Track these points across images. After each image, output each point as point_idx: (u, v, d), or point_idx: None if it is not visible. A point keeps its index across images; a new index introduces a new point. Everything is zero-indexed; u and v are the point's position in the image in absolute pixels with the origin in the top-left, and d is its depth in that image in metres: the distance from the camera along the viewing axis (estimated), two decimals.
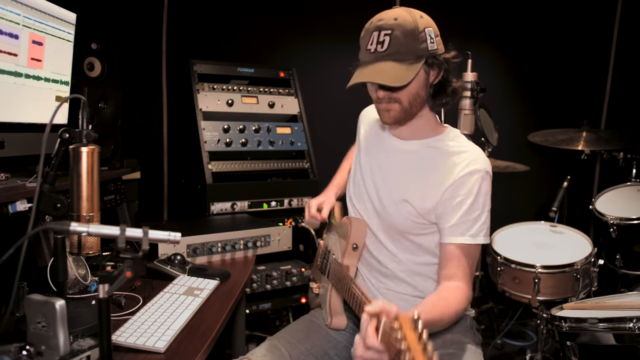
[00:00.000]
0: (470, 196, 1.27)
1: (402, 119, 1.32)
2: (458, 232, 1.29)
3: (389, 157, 1.41)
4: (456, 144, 1.34)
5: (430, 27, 1.25)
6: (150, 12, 2.87)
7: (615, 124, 3.23)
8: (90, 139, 1.19)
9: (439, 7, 3.14)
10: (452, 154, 1.32)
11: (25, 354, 0.89)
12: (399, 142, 1.40)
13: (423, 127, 1.37)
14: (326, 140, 3.00)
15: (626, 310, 1.65)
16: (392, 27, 1.22)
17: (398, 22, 1.22)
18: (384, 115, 1.33)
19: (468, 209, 1.28)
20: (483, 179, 1.29)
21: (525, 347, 2.73)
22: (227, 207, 2.37)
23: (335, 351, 1.45)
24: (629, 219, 2.34)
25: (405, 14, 1.24)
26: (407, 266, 1.40)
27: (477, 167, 1.28)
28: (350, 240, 1.43)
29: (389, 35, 1.22)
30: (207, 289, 1.48)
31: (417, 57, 1.23)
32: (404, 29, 1.22)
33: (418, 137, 1.38)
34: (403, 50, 1.22)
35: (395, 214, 1.36)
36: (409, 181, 1.35)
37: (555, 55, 3.28)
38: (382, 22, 1.24)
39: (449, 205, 1.29)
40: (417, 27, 1.22)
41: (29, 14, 1.54)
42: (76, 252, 1.18)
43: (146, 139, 2.95)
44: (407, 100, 1.28)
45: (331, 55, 3.10)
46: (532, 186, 3.32)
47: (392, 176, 1.39)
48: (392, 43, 1.22)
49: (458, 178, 1.28)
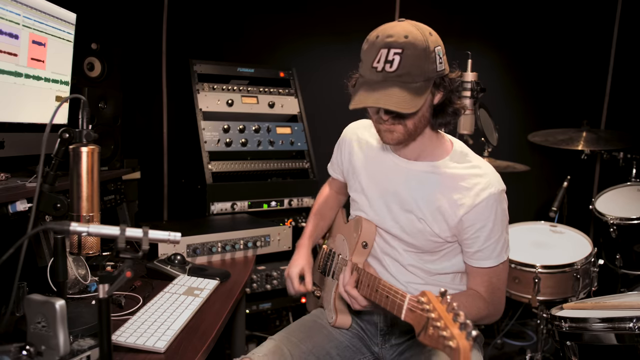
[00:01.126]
0: (489, 222, 1.27)
1: (404, 140, 1.26)
2: (483, 257, 1.31)
3: (397, 179, 1.36)
4: (465, 165, 1.30)
5: (439, 45, 1.18)
6: (150, 12, 2.87)
7: (615, 124, 3.23)
8: (90, 139, 1.19)
9: (439, 7, 3.16)
10: (462, 178, 1.28)
11: (25, 354, 0.89)
12: (405, 162, 1.35)
13: (427, 146, 1.32)
14: (326, 140, 3.00)
15: (626, 310, 1.65)
16: (403, 47, 1.13)
17: (409, 41, 1.13)
18: (385, 136, 1.26)
19: (489, 234, 1.27)
20: (500, 202, 1.27)
21: (525, 347, 2.73)
22: (227, 207, 2.37)
23: (337, 351, 1.44)
24: (629, 219, 2.34)
25: (416, 31, 1.15)
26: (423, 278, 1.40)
27: (491, 190, 1.25)
28: (361, 238, 1.43)
29: (400, 55, 1.13)
30: (207, 289, 1.48)
31: (426, 79, 1.16)
32: (416, 48, 1.13)
33: (423, 157, 1.33)
34: (414, 72, 1.14)
35: (414, 235, 1.35)
36: (422, 203, 1.32)
37: (555, 55, 3.28)
38: (391, 40, 1.14)
39: (470, 232, 1.28)
40: (428, 47, 1.15)
41: (29, 14, 1.54)
42: (76, 252, 1.18)
43: (146, 139, 2.95)
44: (413, 123, 1.22)
45: (331, 55, 3.10)
46: (532, 186, 3.32)
47: (403, 198, 1.35)
48: (403, 64, 1.13)
49: (475, 205, 1.25)
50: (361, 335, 1.50)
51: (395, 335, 1.46)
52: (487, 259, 1.31)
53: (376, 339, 1.48)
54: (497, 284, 1.34)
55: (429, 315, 0.94)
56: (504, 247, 1.32)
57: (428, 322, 0.94)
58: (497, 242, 1.29)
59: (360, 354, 1.48)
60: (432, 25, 1.26)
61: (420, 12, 3.19)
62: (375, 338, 1.48)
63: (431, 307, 0.94)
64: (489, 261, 1.31)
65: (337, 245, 1.55)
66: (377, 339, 1.48)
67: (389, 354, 1.46)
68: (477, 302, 1.31)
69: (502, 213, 1.29)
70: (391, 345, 1.46)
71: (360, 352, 1.48)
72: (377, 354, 1.48)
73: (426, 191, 1.31)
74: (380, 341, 1.47)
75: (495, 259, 1.31)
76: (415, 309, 1.00)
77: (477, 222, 1.27)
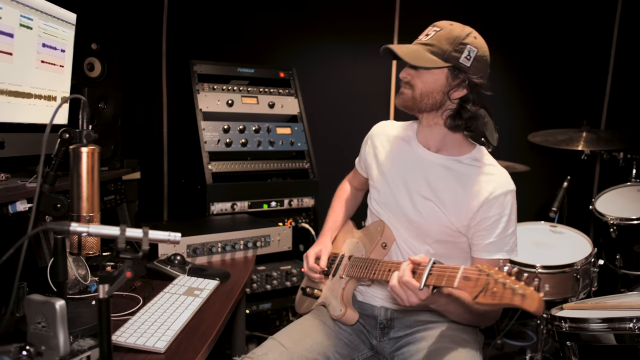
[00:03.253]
0: (504, 215, 1.34)
1: (409, 106, 1.38)
2: (495, 249, 1.35)
3: (419, 168, 1.43)
4: (484, 163, 1.39)
5: (475, 48, 1.31)
6: (150, 12, 2.87)
7: (615, 124, 3.23)
8: (90, 139, 1.19)
9: (439, 7, 3.17)
10: (482, 174, 1.37)
11: (25, 354, 0.89)
12: (427, 152, 1.43)
13: (449, 141, 1.41)
14: (326, 140, 3.00)
15: (626, 310, 1.65)
16: (442, 27, 1.32)
17: (450, 27, 1.32)
18: (398, 97, 1.40)
19: (505, 227, 1.34)
20: (513, 199, 1.36)
21: (525, 347, 2.73)
22: (227, 208, 2.37)
23: (336, 349, 1.45)
24: (629, 219, 2.34)
25: (461, 27, 1.33)
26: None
27: (508, 187, 1.35)
28: (382, 239, 1.47)
29: (436, 32, 1.32)
30: (207, 289, 1.48)
31: (444, 59, 1.29)
32: (450, 32, 1.30)
33: (445, 151, 1.42)
34: (437, 46, 1.30)
35: (431, 221, 1.40)
36: (442, 192, 1.38)
37: (555, 55, 3.28)
38: (439, 23, 1.35)
39: (485, 224, 1.34)
40: (461, 37, 1.30)
41: (29, 14, 1.54)
42: (76, 252, 1.18)
43: (146, 139, 2.95)
44: (419, 91, 1.34)
45: (331, 55, 3.10)
46: (532, 186, 3.31)
47: (425, 186, 1.41)
48: (433, 37, 1.31)
49: (492, 198, 1.33)
50: (360, 329, 1.52)
51: (394, 329, 1.48)
52: (499, 251, 1.35)
53: (375, 332, 1.50)
54: None
55: (491, 277, 0.99)
56: (515, 244, 1.38)
57: (490, 283, 0.99)
58: (511, 235, 1.36)
59: (358, 351, 1.49)
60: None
61: (420, 13, 3.20)
62: (374, 331, 1.50)
63: (493, 272, 1.00)
64: (501, 253, 1.35)
65: (346, 248, 1.59)
66: (375, 332, 1.50)
67: (387, 347, 1.48)
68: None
69: (515, 210, 1.37)
70: (389, 339, 1.48)
71: (358, 349, 1.50)
72: (376, 347, 1.50)
73: (446, 181, 1.38)
74: (378, 334, 1.49)
75: (506, 252, 1.36)
76: (471, 276, 1.05)
77: (494, 213, 1.33)
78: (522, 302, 0.92)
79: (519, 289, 0.93)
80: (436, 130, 1.40)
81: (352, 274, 1.49)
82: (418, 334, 1.43)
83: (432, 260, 1.15)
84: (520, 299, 0.92)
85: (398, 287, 1.16)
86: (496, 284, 0.98)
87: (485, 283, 1.00)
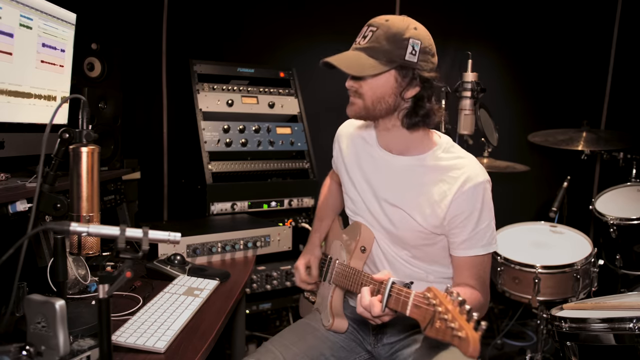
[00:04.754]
0: (476, 210, 1.28)
1: (362, 115, 1.32)
2: (470, 245, 1.31)
3: (384, 173, 1.39)
4: (450, 156, 1.32)
5: (418, 40, 1.23)
6: (150, 12, 2.87)
7: (615, 124, 3.22)
8: (90, 139, 1.19)
9: (439, 7, 3.16)
10: (448, 169, 1.30)
11: (25, 354, 0.89)
12: (390, 156, 1.38)
13: (412, 141, 1.34)
14: (326, 140, 3.00)
15: (626, 310, 1.65)
16: (379, 26, 1.24)
17: (386, 23, 1.24)
18: (348, 107, 1.33)
19: (477, 222, 1.29)
20: (485, 190, 1.29)
21: (525, 347, 2.73)
22: (227, 207, 2.37)
23: (332, 352, 1.45)
24: (629, 219, 2.34)
25: (399, 20, 1.25)
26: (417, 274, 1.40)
27: (477, 180, 1.27)
28: (359, 242, 1.42)
29: (372, 32, 1.25)
30: (207, 289, 1.47)
31: (388, 60, 1.22)
32: (388, 29, 1.23)
33: (410, 152, 1.35)
34: (378, 48, 1.23)
35: (403, 229, 1.36)
36: (409, 197, 1.34)
37: (555, 55, 3.28)
38: (374, 20, 1.27)
39: (457, 221, 1.29)
40: (401, 33, 1.22)
41: (29, 14, 1.54)
42: (76, 252, 1.18)
43: (146, 139, 2.94)
44: (370, 100, 1.27)
45: (331, 55, 3.10)
46: (532, 186, 3.32)
47: (392, 192, 1.37)
48: (372, 39, 1.24)
49: (461, 194, 1.27)
50: (355, 335, 1.51)
51: (387, 334, 1.46)
52: (474, 247, 1.30)
53: (369, 339, 1.49)
54: (484, 276, 1.34)
55: (435, 309, 0.97)
56: (492, 237, 1.32)
57: (435, 315, 0.97)
58: (486, 229, 1.30)
59: (355, 354, 1.48)
60: (433, 26, 1.28)
61: (420, 13, 3.17)
62: (368, 337, 1.49)
63: (438, 302, 0.98)
64: (476, 249, 1.30)
65: (334, 251, 1.55)
66: (369, 338, 1.49)
67: (383, 351, 1.47)
68: (474, 295, 1.31)
69: (488, 202, 1.31)
70: (384, 345, 1.47)
71: (355, 352, 1.49)
72: (372, 352, 1.49)
73: (413, 184, 1.33)
74: (372, 341, 1.48)
75: (482, 247, 1.31)
76: (421, 304, 1.03)
77: (464, 210, 1.28)
78: (459, 344, 0.91)
79: (457, 330, 0.91)
80: (395, 132, 1.33)
81: (337, 282, 1.47)
82: (412, 337, 1.42)
83: (391, 280, 1.14)
84: (458, 341, 0.91)
85: (362, 309, 1.18)
86: (439, 319, 0.96)
87: (432, 316, 0.98)
